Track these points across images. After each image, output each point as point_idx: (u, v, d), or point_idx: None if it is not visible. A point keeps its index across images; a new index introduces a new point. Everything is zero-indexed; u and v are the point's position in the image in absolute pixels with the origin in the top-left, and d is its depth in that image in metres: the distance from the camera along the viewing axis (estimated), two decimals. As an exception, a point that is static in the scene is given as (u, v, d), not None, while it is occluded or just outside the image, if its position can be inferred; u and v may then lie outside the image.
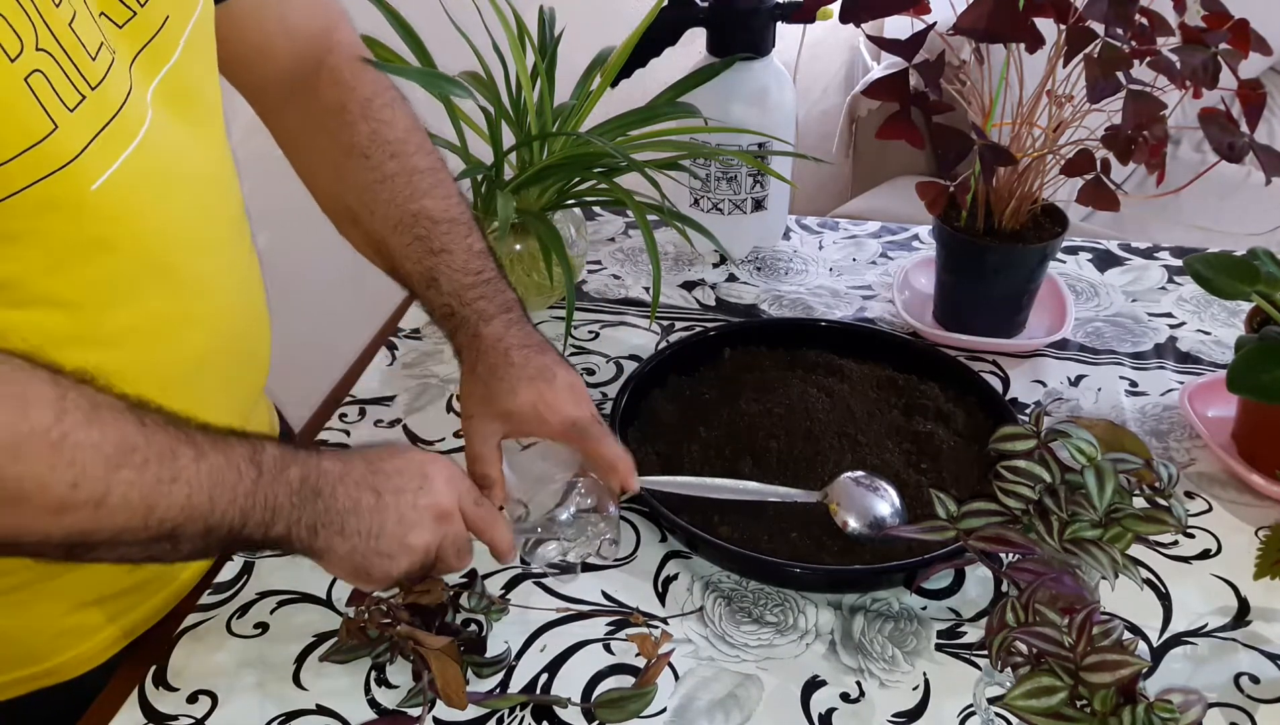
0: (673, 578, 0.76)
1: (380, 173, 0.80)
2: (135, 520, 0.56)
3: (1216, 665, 0.69)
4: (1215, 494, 0.83)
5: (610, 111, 1.01)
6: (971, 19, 0.82)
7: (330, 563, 0.64)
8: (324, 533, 0.62)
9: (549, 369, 0.76)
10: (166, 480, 0.56)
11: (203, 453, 0.58)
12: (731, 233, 1.12)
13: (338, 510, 0.63)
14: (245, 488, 0.59)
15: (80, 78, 0.58)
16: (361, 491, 0.64)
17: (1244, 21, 0.81)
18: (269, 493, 0.60)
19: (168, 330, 0.68)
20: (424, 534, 0.65)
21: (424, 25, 0.96)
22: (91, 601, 0.73)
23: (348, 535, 0.63)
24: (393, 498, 0.65)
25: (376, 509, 0.64)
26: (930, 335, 0.99)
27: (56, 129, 0.56)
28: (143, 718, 0.67)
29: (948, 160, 0.86)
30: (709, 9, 1.07)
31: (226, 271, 0.75)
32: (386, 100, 0.82)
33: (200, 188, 0.70)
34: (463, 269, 0.79)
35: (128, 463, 0.55)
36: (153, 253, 0.66)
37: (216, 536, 0.59)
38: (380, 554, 0.64)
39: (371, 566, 0.64)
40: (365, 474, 0.65)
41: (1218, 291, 0.81)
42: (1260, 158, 0.80)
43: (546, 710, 0.67)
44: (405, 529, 0.65)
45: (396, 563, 0.65)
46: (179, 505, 0.57)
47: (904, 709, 0.67)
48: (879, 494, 0.75)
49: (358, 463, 0.65)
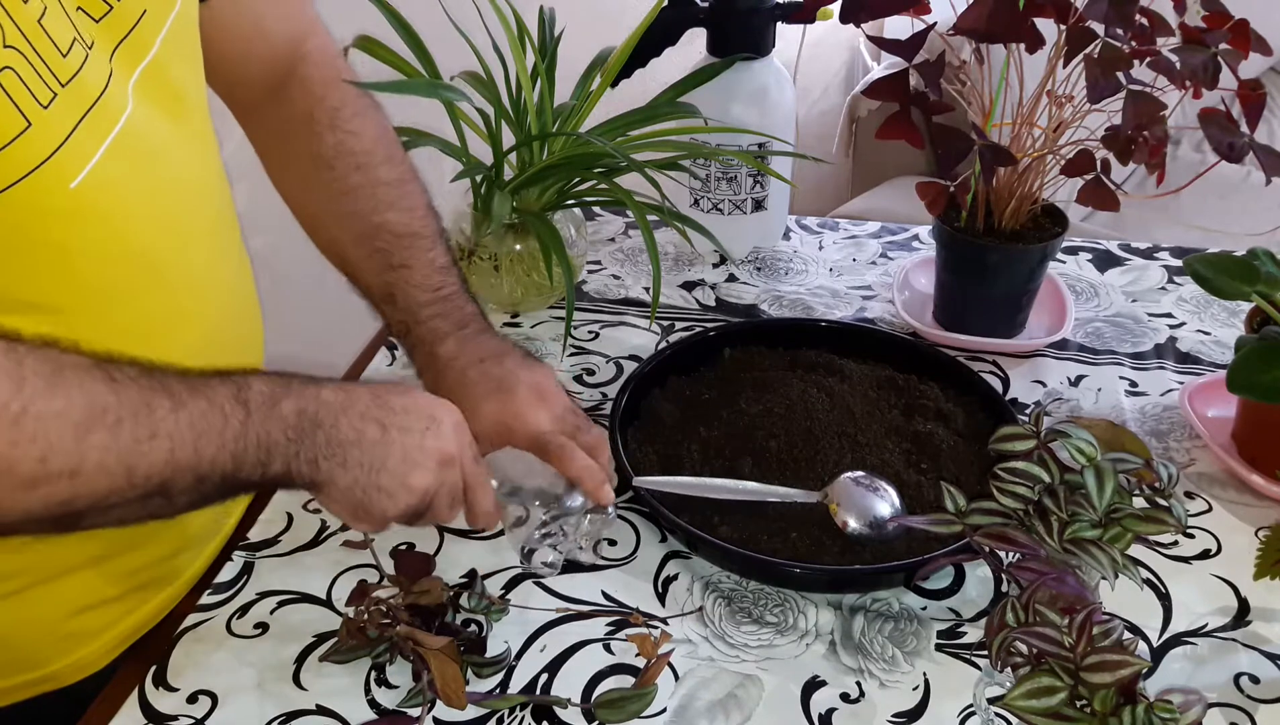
0: (673, 578, 0.76)
1: (344, 185, 0.80)
2: (118, 483, 0.54)
3: (1216, 665, 0.69)
4: (1215, 494, 0.83)
5: (610, 111, 1.01)
6: (971, 19, 0.82)
7: (329, 495, 0.63)
8: (325, 464, 0.61)
9: (507, 379, 0.76)
10: (144, 438, 0.54)
11: (180, 402, 0.56)
12: (731, 233, 1.12)
13: (340, 441, 0.61)
14: (233, 430, 0.57)
15: (51, 75, 0.57)
16: (366, 423, 0.62)
17: (1244, 21, 0.81)
18: (260, 431, 0.58)
19: (157, 330, 0.68)
20: (426, 476, 0.64)
21: (424, 25, 0.96)
22: (92, 605, 0.73)
23: (349, 467, 0.62)
24: (399, 434, 0.63)
25: (381, 443, 0.62)
26: (930, 335, 0.99)
27: (30, 126, 0.55)
28: (143, 718, 0.67)
29: (948, 160, 0.86)
30: (709, 9, 1.07)
31: (215, 269, 0.74)
32: (356, 109, 0.82)
33: (184, 184, 0.69)
34: (421, 286, 0.79)
35: (99, 425, 0.53)
36: (138, 252, 0.65)
37: (211, 483, 0.57)
38: (380, 489, 0.63)
39: (370, 502, 0.63)
40: (370, 406, 0.63)
41: (1218, 291, 0.81)
42: (1260, 158, 0.80)
43: (546, 710, 0.67)
44: (408, 468, 0.63)
45: (395, 501, 0.64)
46: (161, 461, 0.55)
47: (904, 709, 0.67)
48: (879, 494, 0.75)
49: (363, 394, 0.64)
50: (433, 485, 0.65)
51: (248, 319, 0.80)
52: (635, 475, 0.79)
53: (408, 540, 0.79)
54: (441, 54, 0.96)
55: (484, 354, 0.77)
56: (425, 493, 0.65)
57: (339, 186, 0.80)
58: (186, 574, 0.79)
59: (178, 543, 0.78)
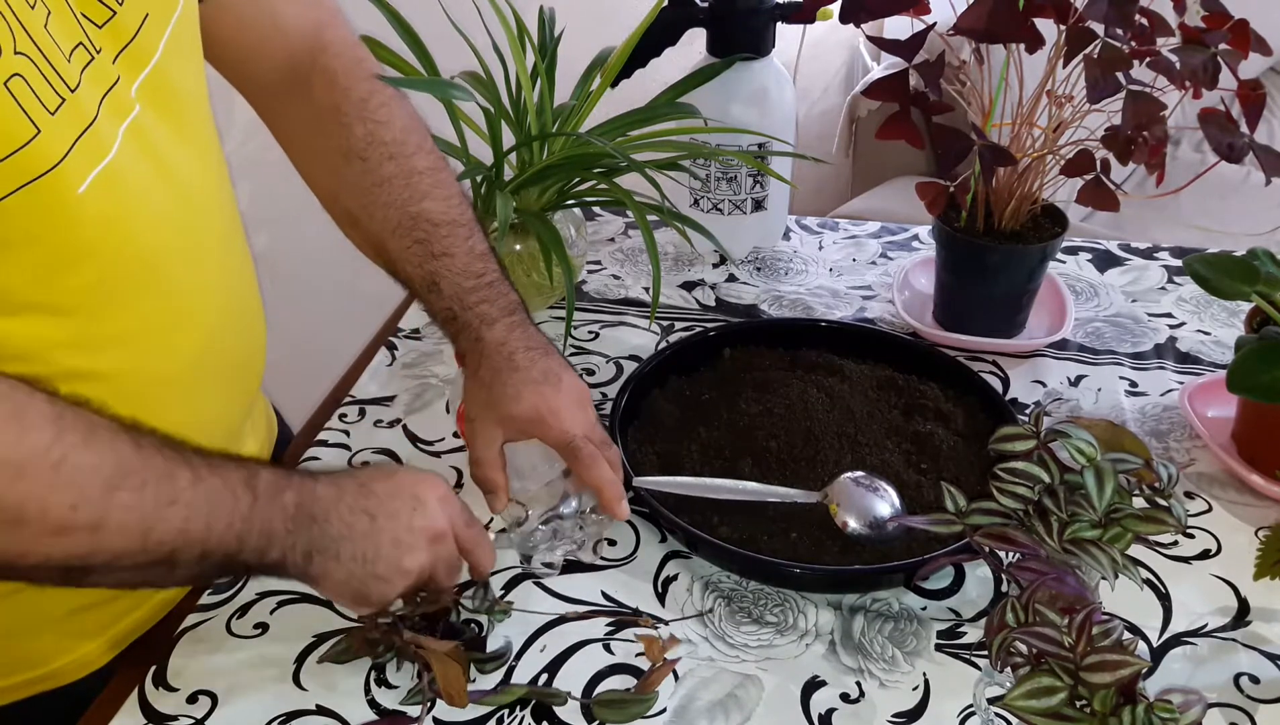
0: (673, 578, 0.76)
1: (378, 175, 0.79)
2: (133, 543, 0.55)
3: (1216, 665, 0.69)
4: (1215, 494, 0.83)
5: (610, 111, 1.01)
6: (971, 19, 0.82)
7: (326, 588, 0.64)
8: (319, 559, 0.62)
9: (554, 373, 0.76)
10: (164, 503, 0.56)
11: (200, 476, 0.58)
12: (731, 233, 1.12)
13: (332, 536, 0.62)
14: (242, 512, 0.59)
15: (59, 80, 0.57)
16: (355, 516, 0.63)
17: (1244, 21, 0.81)
18: (264, 518, 0.60)
19: (162, 333, 0.68)
20: (419, 556, 0.65)
21: (424, 25, 0.96)
22: (91, 604, 0.73)
23: (343, 561, 0.63)
24: (387, 521, 0.64)
25: (371, 533, 0.64)
26: (930, 335, 0.99)
27: (40, 133, 0.55)
28: (143, 718, 0.67)
29: (948, 160, 0.86)
30: (709, 9, 1.07)
31: (219, 271, 0.74)
32: (383, 99, 0.82)
33: (189, 187, 0.69)
34: (464, 272, 0.78)
35: (125, 485, 0.55)
36: (143, 255, 0.65)
37: (212, 561, 0.59)
38: (377, 578, 0.64)
39: (369, 590, 0.64)
40: (358, 498, 0.64)
41: (1218, 292, 0.81)
42: (1260, 158, 0.80)
43: (546, 711, 0.67)
44: (401, 553, 0.64)
45: (393, 585, 0.65)
46: (176, 528, 0.56)
47: (904, 709, 0.67)
48: (879, 494, 0.75)
49: (350, 486, 0.65)
50: (427, 563, 0.66)
51: (251, 320, 0.80)
52: (635, 475, 0.79)
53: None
54: (441, 54, 0.96)
55: (532, 345, 0.77)
56: (421, 572, 0.66)
57: (373, 178, 0.79)
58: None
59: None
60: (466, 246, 0.79)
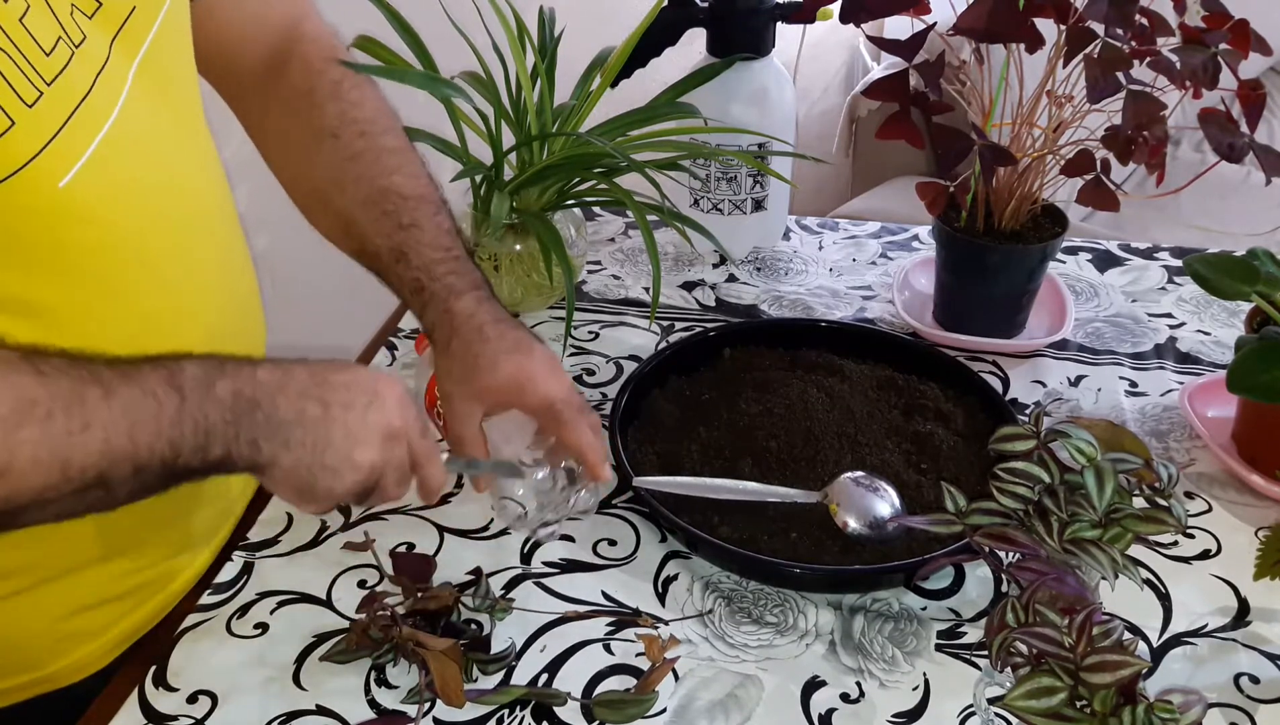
0: (673, 578, 0.76)
1: (349, 150, 0.79)
2: (53, 477, 0.53)
3: (1216, 665, 0.69)
4: (1215, 494, 0.83)
5: (610, 111, 1.01)
6: (971, 19, 0.82)
7: (274, 479, 0.61)
8: (267, 446, 0.59)
9: (525, 342, 0.74)
10: (76, 429, 0.53)
11: (112, 390, 0.54)
12: (731, 233, 1.12)
13: (280, 422, 0.60)
14: (168, 416, 0.56)
15: (35, 73, 0.56)
16: (306, 402, 0.61)
17: (1244, 21, 0.81)
18: (197, 415, 0.57)
19: (157, 330, 0.67)
20: (371, 452, 0.63)
21: (424, 25, 0.96)
22: (90, 605, 0.73)
23: (292, 447, 0.60)
24: (341, 411, 0.62)
25: (323, 421, 0.61)
26: (930, 335, 0.99)
27: (14, 125, 0.55)
28: (143, 718, 0.67)
29: (948, 160, 0.86)
30: (709, 9, 1.07)
31: (216, 266, 0.74)
32: (355, 82, 0.82)
33: (179, 181, 0.69)
34: (432, 245, 0.77)
35: (29, 420, 0.52)
36: (133, 250, 0.64)
37: (151, 472, 0.56)
38: (326, 468, 0.61)
39: (317, 481, 0.61)
40: (309, 385, 0.61)
41: (1218, 292, 0.81)
42: (1260, 158, 0.80)
43: (546, 711, 0.67)
44: (352, 444, 0.62)
45: (342, 479, 0.62)
46: (97, 451, 0.53)
47: (904, 709, 0.67)
48: (879, 494, 0.75)
49: (300, 372, 0.62)
50: (379, 461, 0.63)
51: (250, 317, 0.80)
52: (635, 475, 0.79)
53: (407, 541, 0.79)
54: (441, 54, 0.96)
55: (500, 316, 0.76)
56: (372, 469, 0.63)
57: (345, 153, 0.79)
58: (186, 574, 0.79)
59: (178, 543, 0.78)
60: (434, 222, 0.78)
